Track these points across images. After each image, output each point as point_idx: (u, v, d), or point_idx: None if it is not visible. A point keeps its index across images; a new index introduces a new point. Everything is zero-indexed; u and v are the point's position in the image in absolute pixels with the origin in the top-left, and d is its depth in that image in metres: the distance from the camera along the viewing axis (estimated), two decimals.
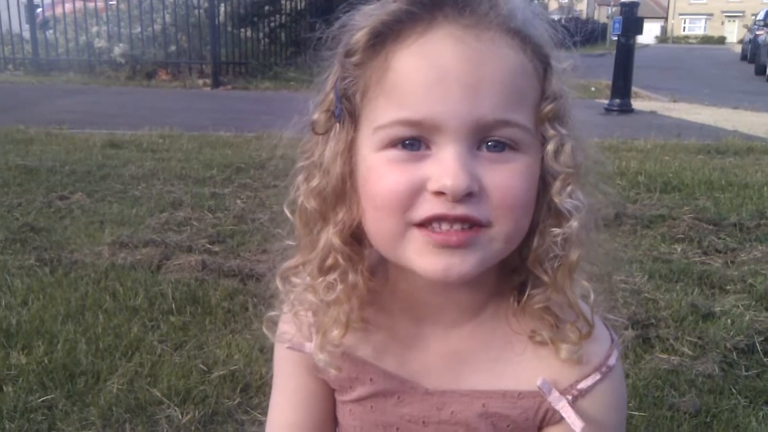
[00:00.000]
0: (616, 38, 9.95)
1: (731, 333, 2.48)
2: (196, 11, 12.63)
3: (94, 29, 12.84)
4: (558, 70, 0.82)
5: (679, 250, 3.48)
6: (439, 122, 0.75)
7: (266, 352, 2.16)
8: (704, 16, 75.37)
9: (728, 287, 2.97)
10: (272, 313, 0.97)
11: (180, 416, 1.91)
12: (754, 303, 2.78)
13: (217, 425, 1.90)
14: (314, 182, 0.85)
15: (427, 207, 0.76)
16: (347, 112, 0.82)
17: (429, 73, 0.75)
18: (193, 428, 1.87)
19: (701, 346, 2.40)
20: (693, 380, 2.18)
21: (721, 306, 2.73)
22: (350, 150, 0.83)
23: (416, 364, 0.92)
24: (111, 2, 13.79)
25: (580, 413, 0.85)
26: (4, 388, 2.02)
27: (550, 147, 0.80)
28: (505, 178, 0.77)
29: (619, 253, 3.43)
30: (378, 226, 0.81)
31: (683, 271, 3.12)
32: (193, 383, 2.07)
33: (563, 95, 0.81)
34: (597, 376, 0.87)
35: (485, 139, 0.77)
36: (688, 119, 9.00)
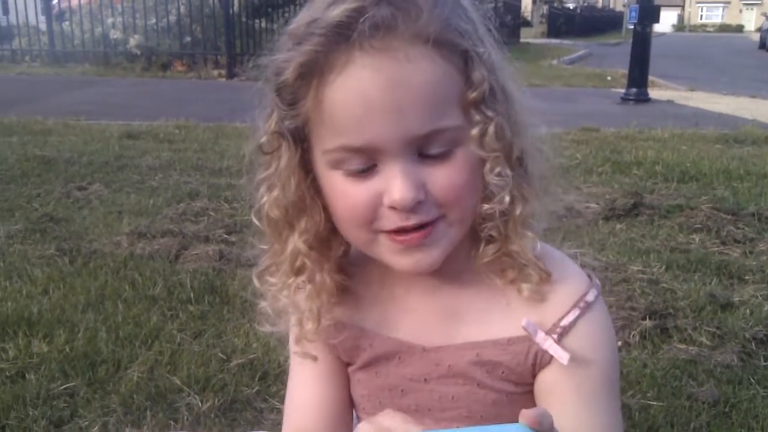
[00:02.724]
0: (632, 27, 9.86)
1: (750, 323, 2.47)
2: (211, 2, 12.62)
3: (110, 20, 12.89)
4: (480, 55, 0.83)
5: (697, 240, 3.46)
6: (376, 145, 0.80)
7: (284, 342, 2.17)
8: (722, 4, 74.56)
9: (747, 277, 2.96)
10: (263, 304, 1.01)
11: (200, 404, 1.94)
12: None
13: (236, 413, 1.92)
14: (275, 193, 0.90)
15: (387, 221, 0.84)
16: (291, 135, 0.86)
17: (356, 107, 0.79)
18: (212, 416, 1.89)
19: (720, 336, 2.39)
20: (711, 370, 2.17)
21: (740, 296, 2.72)
22: (301, 166, 0.88)
23: (411, 325, 0.97)
24: None
25: (568, 351, 0.89)
26: (27, 375, 2.06)
27: (475, 132, 0.84)
28: (447, 176, 0.83)
29: (636, 243, 3.42)
30: (349, 234, 0.90)
31: (701, 261, 3.10)
32: (213, 371, 2.10)
33: (485, 78, 0.83)
34: (576, 312, 0.90)
35: (422, 147, 0.82)
36: (705, 108, 8.91)
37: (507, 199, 0.86)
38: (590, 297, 0.92)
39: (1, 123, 6.20)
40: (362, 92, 0.79)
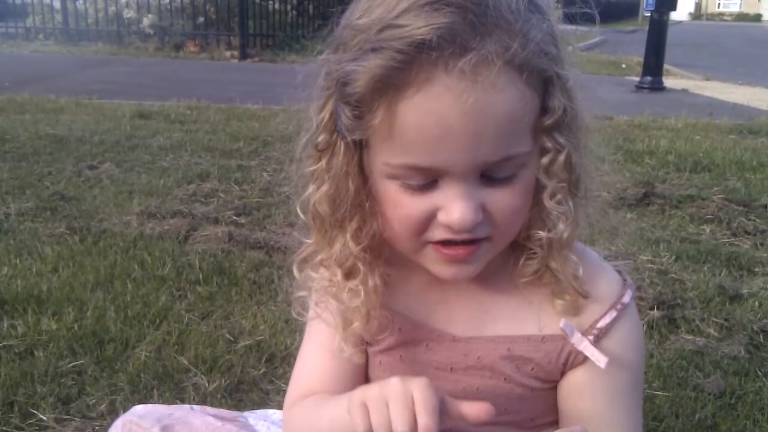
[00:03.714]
0: (648, 14, 9.74)
1: (758, 315, 2.46)
2: None
3: (123, 0, 12.88)
4: (561, 81, 0.79)
5: (707, 231, 3.44)
6: (444, 168, 0.78)
7: (291, 324, 2.18)
8: None
9: (756, 269, 2.94)
10: (300, 294, 0.99)
11: (206, 384, 1.95)
12: None
13: (242, 394, 1.93)
14: (324, 188, 0.86)
15: (438, 233, 0.83)
16: (352, 140, 0.82)
17: (433, 129, 0.75)
18: (219, 396, 1.90)
19: (727, 327, 2.38)
20: (718, 362, 2.16)
21: (749, 288, 2.71)
22: (360, 165, 0.85)
23: (442, 314, 0.96)
24: None
25: (603, 352, 0.88)
26: (36, 352, 2.07)
27: (545, 160, 0.82)
28: (507, 199, 0.81)
29: (646, 232, 3.40)
30: (397, 242, 0.88)
31: (711, 252, 3.09)
32: (220, 352, 2.11)
33: (563, 105, 0.80)
34: (613, 314, 0.90)
35: (488, 171, 0.80)
36: (720, 98, 8.82)
37: (562, 227, 0.85)
38: (626, 299, 0.92)
39: (14, 101, 6.22)
40: (441, 116, 0.75)
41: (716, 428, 1.83)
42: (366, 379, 1.03)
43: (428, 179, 0.80)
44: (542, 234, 0.86)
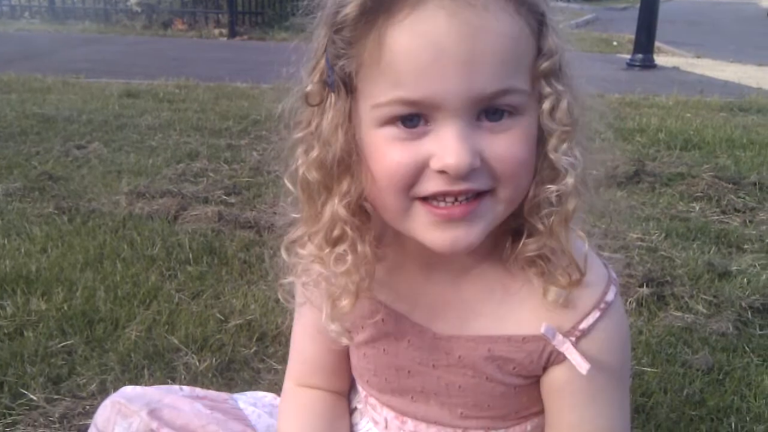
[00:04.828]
0: None
1: (747, 292, 2.48)
2: None
3: None
4: (553, 24, 0.79)
5: (697, 208, 3.45)
6: (437, 101, 0.75)
7: (282, 303, 2.17)
8: None
9: (746, 246, 2.96)
10: (286, 280, 0.97)
11: (197, 363, 1.95)
12: None
13: (233, 372, 1.93)
14: (314, 153, 0.83)
15: (431, 184, 0.78)
16: (342, 82, 0.80)
17: (424, 53, 0.73)
18: (210, 375, 1.90)
19: (716, 304, 2.40)
20: (707, 338, 2.18)
21: (738, 265, 2.72)
22: (349, 120, 0.81)
23: (425, 309, 0.95)
24: None
25: (584, 354, 0.86)
26: (25, 333, 2.07)
27: (546, 105, 0.79)
28: (506, 146, 0.77)
29: (636, 210, 3.41)
30: (383, 201, 0.82)
31: (701, 230, 3.10)
32: (210, 332, 2.11)
33: (559, 50, 0.79)
34: (597, 314, 0.88)
35: (485, 108, 0.76)
36: (711, 76, 8.81)
37: (571, 181, 0.81)
38: (610, 296, 0.89)
39: (0, 80, 6.14)
40: (433, 37, 0.73)
41: (704, 403, 1.85)
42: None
43: (419, 114, 0.76)
44: (552, 188, 0.81)
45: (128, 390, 1.11)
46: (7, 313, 2.17)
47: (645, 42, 9.06)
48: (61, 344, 2.02)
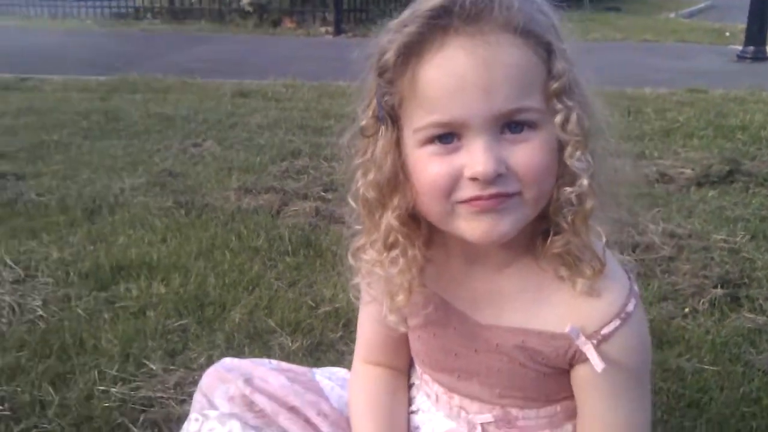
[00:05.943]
0: None
1: None
2: None
3: None
4: (560, 50, 0.95)
5: None
6: (464, 120, 0.92)
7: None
8: None
9: None
10: (354, 281, 1.17)
11: (290, 344, 2.20)
12: None
13: (321, 353, 2.17)
14: (371, 176, 1.02)
15: (467, 191, 0.94)
16: (389, 116, 0.99)
17: (449, 83, 0.92)
18: (300, 354, 2.14)
19: None
20: None
21: None
22: (397, 146, 1.00)
23: (467, 300, 1.10)
24: None
25: (604, 356, 1.00)
26: (147, 312, 2.39)
27: (558, 119, 0.95)
28: (527, 155, 0.93)
29: (726, 211, 3.40)
30: (429, 208, 0.99)
31: None
32: (303, 316, 2.36)
33: (566, 72, 0.94)
34: (617, 322, 1.01)
35: (506, 123, 0.93)
36: None
37: (586, 183, 0.96)
38: (630, 308, 1.01)
39: (126, 80, 6.67)
40: (455, 70, 0.90)
41: (759, 402, 1.91)
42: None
43: (452, 133, 0.92)
44: (569, 189, 0.95)
45: (227, 361, 1.36)
46: (133, 295, 2.50)
47: (757, 33, 8.62)
48: (177, 323, 2.32)
